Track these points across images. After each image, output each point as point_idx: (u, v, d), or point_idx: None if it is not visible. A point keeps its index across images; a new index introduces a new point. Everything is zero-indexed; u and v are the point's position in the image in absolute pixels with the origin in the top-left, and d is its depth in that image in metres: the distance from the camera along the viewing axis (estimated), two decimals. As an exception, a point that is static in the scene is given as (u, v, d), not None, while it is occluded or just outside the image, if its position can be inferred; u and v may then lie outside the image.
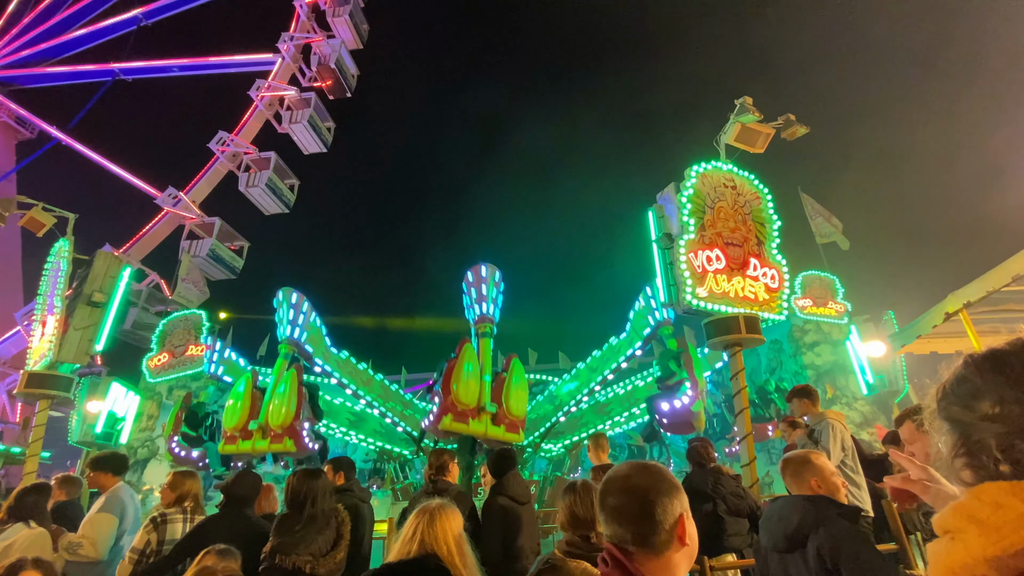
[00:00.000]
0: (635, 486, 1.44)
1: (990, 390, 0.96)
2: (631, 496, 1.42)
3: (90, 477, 5.05)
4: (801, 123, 8.00)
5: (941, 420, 1.05)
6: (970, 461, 0.96)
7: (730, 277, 7.12)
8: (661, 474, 1.48)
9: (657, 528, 1.38)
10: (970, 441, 0.97)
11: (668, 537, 1.39)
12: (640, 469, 1.50)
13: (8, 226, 12.20)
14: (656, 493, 1.42)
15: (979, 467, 0.94)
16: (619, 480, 1.48)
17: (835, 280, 15.12)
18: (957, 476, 0.99)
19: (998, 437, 0.92)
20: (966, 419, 0.98)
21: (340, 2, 23.93)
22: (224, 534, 3.78)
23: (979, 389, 0.98)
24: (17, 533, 4.26)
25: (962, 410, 0.99)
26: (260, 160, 22.15)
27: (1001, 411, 0.93)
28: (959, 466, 0.98)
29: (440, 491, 4.39)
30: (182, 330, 16.01)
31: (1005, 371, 0.96)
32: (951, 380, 1.06)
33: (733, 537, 4.61)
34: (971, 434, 0.97)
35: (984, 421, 0.95)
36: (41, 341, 9.14)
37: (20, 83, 28.25)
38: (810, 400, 5.70)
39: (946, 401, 1.04)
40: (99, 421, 14.49)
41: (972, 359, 1.03)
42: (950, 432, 1.02)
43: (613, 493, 1.46)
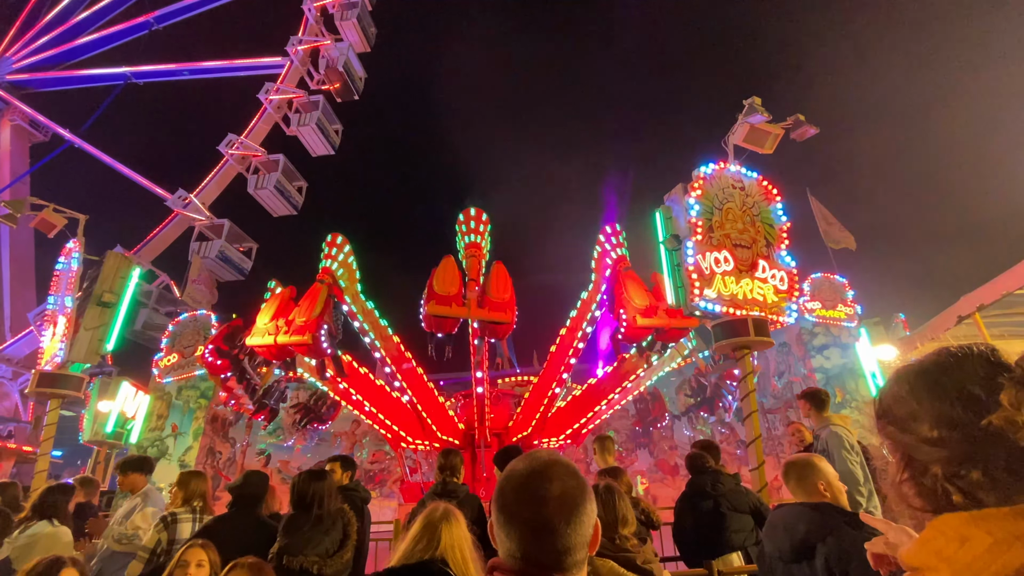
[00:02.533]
0: (560, 495, 1.13)
1: (927, 411, 0.91)
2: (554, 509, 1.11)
3: (122, 480, 5.22)
4: (810, 123, 7.94)
5: (882, 438, 1.00)
6: (918, 488, 0.91)
7: (738, 279, 7.07)
8: (578, 473, 1.19)
9: (582, 545, 1.12)
10: (913, 464, 0.92)
11: (585, 553, 1.14)
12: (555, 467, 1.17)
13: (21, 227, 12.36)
14: (584, 502, 1.14)
15: (928, 494, 0.89)
16: (533, 486, 1.14)
17: (845, 282, 14.99)
18: (906, 500, 0.94)
19: (942, 463, 0.87)
20: (906, 441, 0.93)
21: (348, 6, 24.08)
22: (232, 534, 3.80)
23: (915, 410, 0.93)
24: (42, 531, 4.34)
25: (900, 432, 0.95)
26: (269, 162, 22.31)
27: (939, 435, 0.88)
28: (907, 490, 0.93)
29: (449, 492, 4.38)
30: (191, 331, 16.13)
31: (938, 390, 0.91)
32: (887, 396, 1.00)
33: (736, 533, 4.59)
34: (912, 456, 0.92)
35: (924, 444, 0.90)
36: (52, 341, 9.24)
37: (33, 87, 28.64)
38: (815, 405, 5.56)
39: (884, 420, 0.99)
40: (109, 420, 14.62)
41: (906, 376, 0.98)
42: (892, 452, 0.98)
43: (526, 504, 1.13)
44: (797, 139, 8.00)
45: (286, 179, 22.44)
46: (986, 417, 0.84)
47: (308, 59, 24.03)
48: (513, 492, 1.16)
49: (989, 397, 0.86)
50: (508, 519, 1.14)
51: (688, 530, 4.66)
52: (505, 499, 1.16)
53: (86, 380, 9.13)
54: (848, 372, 14.29)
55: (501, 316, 8.48)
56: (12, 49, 28.78)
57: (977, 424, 0.84)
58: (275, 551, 3.60)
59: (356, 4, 24.06)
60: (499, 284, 8.76)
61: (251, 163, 22.44)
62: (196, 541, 3.12)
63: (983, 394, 0.87)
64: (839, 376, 14.28)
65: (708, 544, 4.53)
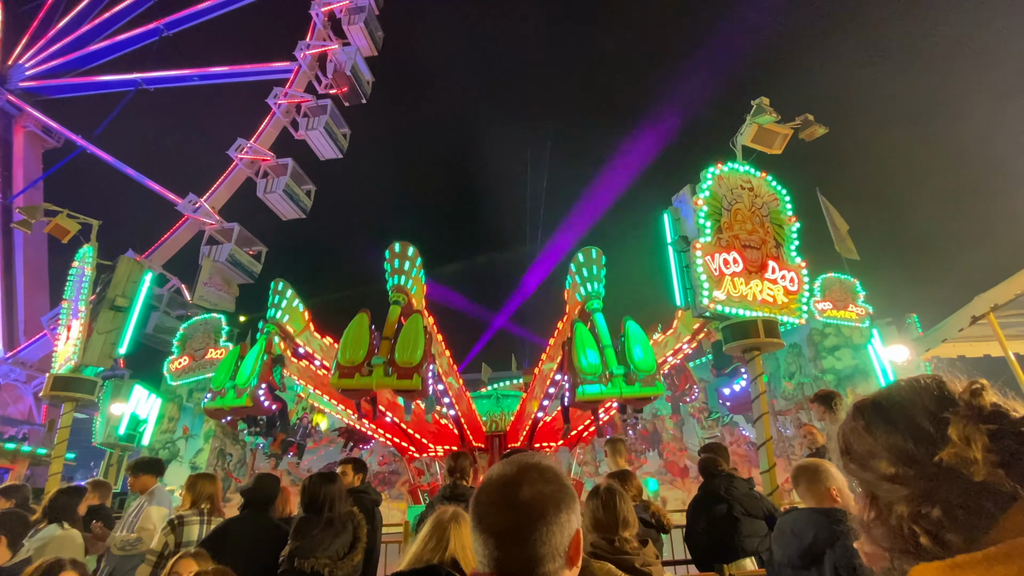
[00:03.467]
0: (529, 500, 1.09)
1: (884, 447, 0.88)
2: (522, 514, 1.08)
3: (133, 481, 5.28)
4: (819, 123, 7.88)
5: (847, 475, 0.98)
6: (885, 529, 0.88)
7: (748, 280, 7.03)
8: (558, 478, 1.15)
9: (554, 555, 1.07)
10: (877, 503, 0.90)
11: (562, 564, 1.09)
12: (528, 472, 1.14)
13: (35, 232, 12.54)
14: (556, 508, 1.10)
15: (895, 534, 0.86)
16: (503, 490, 1.12)
17: (856, 282, 14.84)
18: (876, 542, 0.91)
19: (905, 502, 0.84)
20: (867, 478, 0.91)
21: (355, 10, 24.24)
22: (243, 537, 3.83)
23: (873, 448, 0.90)
24: (52, 534, 4.38)
25: (861, 469, 0.93)
26: (277, 166, 22.50)
27: (897, 471, 0.86)
28: (875, 531, 0.91)
29: (458, 495, 4.39)
30: (202, 334, 16.28)
31: (890, 425, 0.89)
32: (846, 432, 0.97)
33: (749, 538, 4.55)
34: (875, 494, 0.90)
35: (884, 482, 0.88)
36: (66, 345, 9.35)
37: (46, 94, 29.07)
38: (828, 407, 5.54)
39: (847, 457, 0.96)
40: (122, 423, 14.78)
41: (859, 410, 0.96)
42: (856, 487, 0.96)
43: (496, 507, 1.11)
44: (806, 139, 7.94)
45: (295, 183, 22.62)
46: (937, 453, 0.82)
47: (316, 64, 24.23)
48: (485, 497, 1.14)
49: (938, 432, 0.84)
50: (477, 525, 1.11)
51: (700, 534, 4.63)
52: (478, 505, 1.14)
53: (99, 383, 9.24)
54: (860, 373, 14.15)
55: (407, 384, 7.38)
56: (25, 56, 29.23)
57: (930, 460, 0.83)
58: (286, 554, 3.61)
59: (363, 8, 24.23)
60: (408, 344, 7.65)
61: (260, 167, 22.64)
62: (188, 550, 3.14)
63: (932, 429, 0.85)
64: (851, 377, 14.14)
65: (721, 549, 4.49)
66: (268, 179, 22.42)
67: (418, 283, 8.95)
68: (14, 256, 27.60)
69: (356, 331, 7.92)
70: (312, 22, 24.56)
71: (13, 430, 21.29)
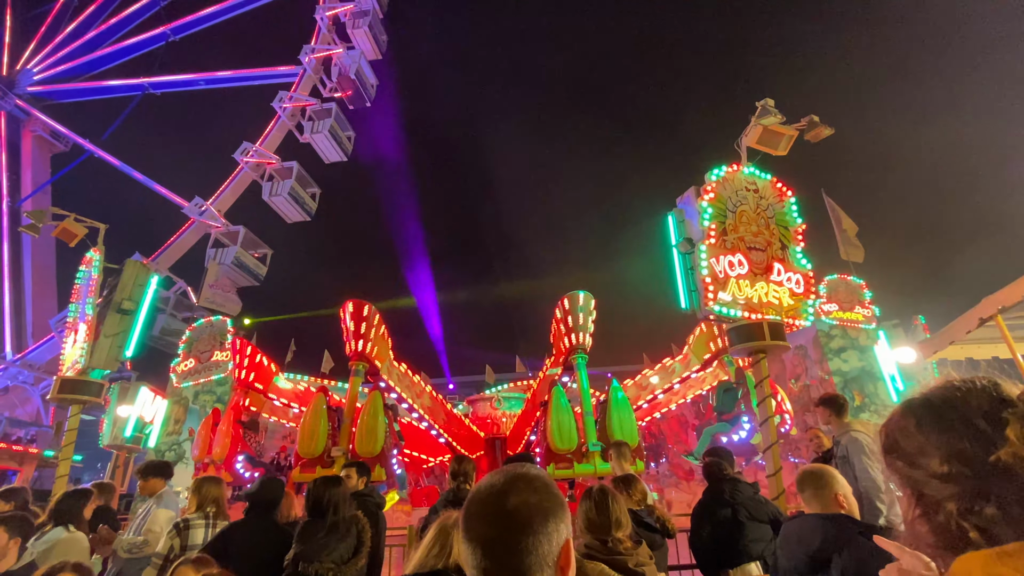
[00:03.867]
0: (514, 509, 1.08)
1: (936, 446, 0.89)
2: (508, 524, 1.07)
3: (143, 484, 5.30)
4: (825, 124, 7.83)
5: (891, 473, 0.98)
6: (931, 525, 0.89)
7: (753, 282, 7.00)
8: (547, 488, 1.14)
9: (542, 565, 1.06)
10: (924, 500, 0.90)
11: (551, 574, 1.07)
12: (516, 482, 1.13)
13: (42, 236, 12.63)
14: (543, 518, 1.08)
15: (942, 531, 0.87)
16: (491, 500, 1.11)
17: (862, 283, 14.75)
18: (920, 539, 0.92)
19: (956, 499, 0.85)
20: (916, 476, 0.91)
21: (359, 14, 24.37)
22: (248, 540, 3.83)
23: (923, 444, 0.91)
24: (58, 536, 4.39)
25: (909, 467, 0.93)
26: (283, 170, 22.61)
27: (950, 470, 0.86)
28: (920, 528, 0.91)
29: (461, 500, 4.38)
30: (207, 336, 16.35)
31: (945, 424, 0.89)
32: (894, 429, 0.98)
33: (754, 543, 4.52)
34: (924, 492, 0.90)
35: (935, 480, 0.88)
36: (73, 348, 9.41)
37: (54, 99, 29.33)
38: (835, 411, 5.47)
39: (893, 455, 0.97)
40: (128, 425, 14.86)
41: (912, 410, 0.96)
42: (902, 487, 0.96)
43: (482, 517, 1.10)
44: (812, 140, 7.89)
45: (300, 186, 22.72)
46: (994, 452, 0.83)
47: (321, 67, 24.35)
48: (474, 506, 1.13)
49: (995, 432, 0.85)
50: (466, 534, 1.10)
51: (705, 539, 4.60)
52: (468, 513, 1.13)
53: (106, 386, 9.28)
54: (867, 375, 14.04)
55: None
56: (33, 61, 29.51)
57: (986, 459, 0.84)
58: (290, 557, 3.61)
59: (367, 12, 24.36)
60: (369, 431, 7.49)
61: (265, 170, 22.76)
62: (190, 555, 3.14)
63: (989, 429, 0.86)
64: (857, 379, 14.04)
65: (726, 553, 4.46)
66: (273, 182, 22.54)
67: (380, 342, 8.56)
68: (22, 259, 27.83)
69: (313, 418, 7.78)
70: (317, 26, 24.70)
71: (21, 432, 21.45)
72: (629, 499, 3.85)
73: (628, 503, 3.81)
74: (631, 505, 3.79)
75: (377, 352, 8.48)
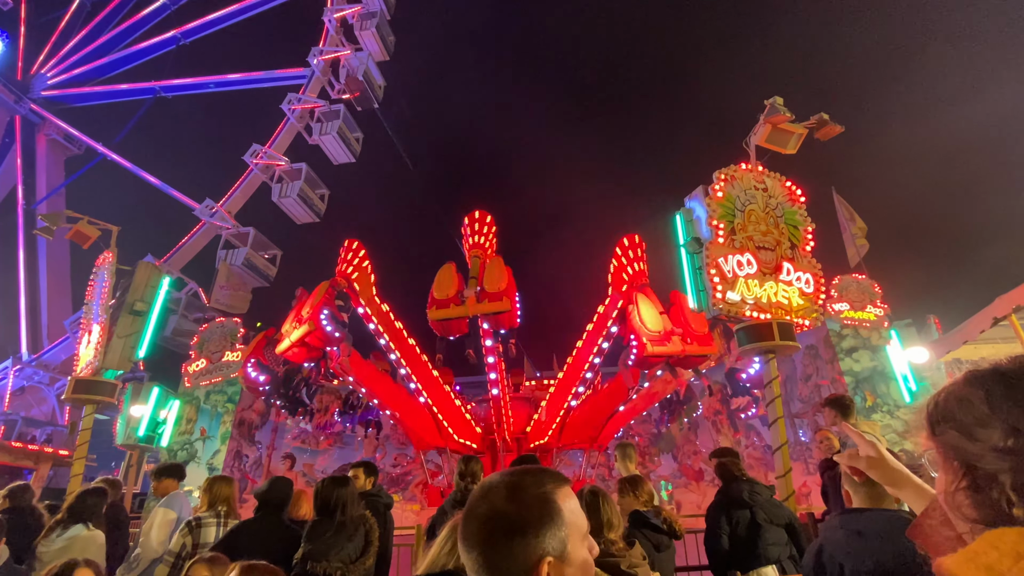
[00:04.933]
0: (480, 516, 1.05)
1: (1002, 418, 0.85)
2: (471, 529, 1.05)
3: (156, 485, 5.37)
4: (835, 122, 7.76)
5: (936, 443, 0.94)
6: (977, 497, 0.86)
7: (762, 282, 6.95)
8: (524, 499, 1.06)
9: None
10: (976, 473, 0.86)
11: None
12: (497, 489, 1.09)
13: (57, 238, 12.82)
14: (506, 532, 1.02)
15: (986, 504, 0.84)
16: (471, 502, 1.11)
17: (874, 283, 14.59)
18: (959, 510, 0.89)
19: (1012, 473, 0.82)
20: (971, 449, 0.88)
21: (367, 16, 24.47)
22: (257, 539, 3.87)
23: (987, 416, 0.87)
24: (77, 533, 4.46)
25: (965, 438, 0.89)
26: (291, 171, 22.77)
27: (1015, 444, 0.83)
28: (962, 499, 0.88)
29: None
30: (219, 337, 16.53)
31: (1018, 398, 0.85)
32: (951, 399, 0.94)
33: (772, 546, 4.48)
34: (977, 465, 0.86)
35: (992, 453, 0.85)
36: (87, 348, 9.55)
37: (68, 103, 29.74)
38: (840, 412, 5.38)
39: (945, 425, 0.92)
40: (141, 425, 15.04)
41: (979, 379, 0.92)
42: (947, 459, 0.92)
43: (464, 517, 1.10)
44: (821, 139, 7.82)
45: (309, 187, 22.87)
46: None
47: (329, 69, 24.49)
48: (467, 504, 1.14)
49: None
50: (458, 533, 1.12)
51: (722, 540, 4.55)
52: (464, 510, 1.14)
53: (119, 386, 9.41)
54: (879, 375, 13.90)
55: (498, 305, 8.62)
56: (47, 66, 29.95)
57: None
58: (299, 556, 3.65)
59: (375, 14, 24.45)
60: (494, 276, 8.93)
61: (275, 172, 22.93)
62: (204, 554, 3.18)
63: None
64: (869, 380, 13.90)
65: (742, 556, 4.41)
66: (283, 184, 22.71)
67: (491, 243, 10.28)
68: (38, 261, 28.24)
69: (445, 273, 9.16)
70: (325, 28, 24.85)
71: (37, 431, 21.78)
72: (636, 500, 3.84)
73: (635, 504, 3.80)
74: (638, 506, 3.78)
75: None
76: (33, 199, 28.51)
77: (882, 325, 14.18)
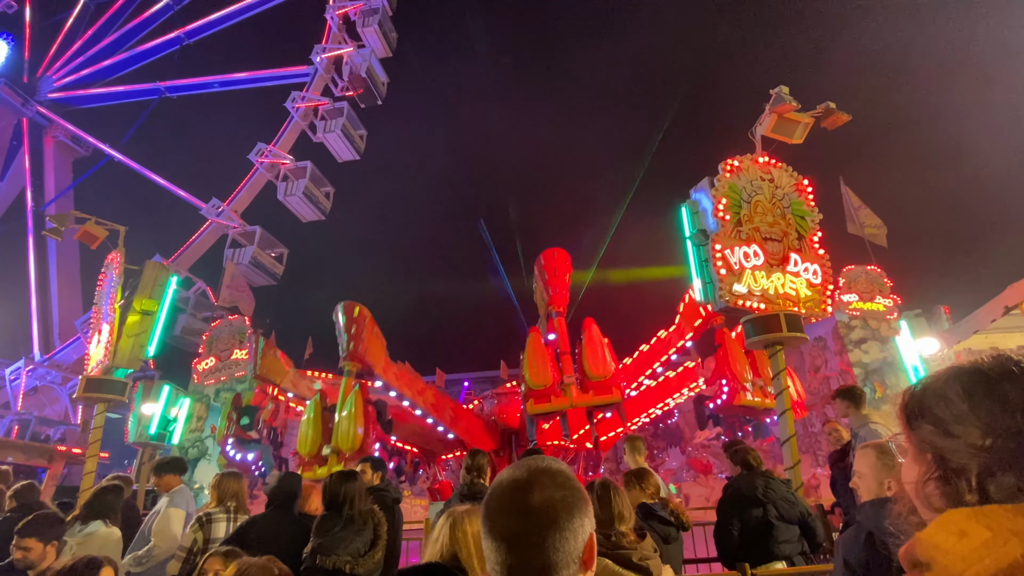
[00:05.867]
0: (539, 505, 1.07)
1: (980, 418, 0.85)
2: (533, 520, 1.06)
3: (157, 481, 5.38)
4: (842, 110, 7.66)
5: (910, 436, 0.93)
6: (945, 488, 0.86)
7: (769, 273, 6.89)
8: (569, 482, 1.13)
9: (568, 561, 1.05)
10: (948, 467, 0.86)
11: (576, 569, 1.06)
12: (540, 476, 1.12)
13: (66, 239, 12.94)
14: (567, 514, 1.07)
15: (953, 495, 0.84)
16: (514, 495, 1.10)
17: (882, 274, 14.45)
18: (927, 501, 0.89)
19: (982, 468, 0.82)
20: (946, 444, 0.87)
21: (369, 12, 24.43)
22: (267, 533, 3.90)
23: (964, 415, 0.86)
24: (95, 529, 4.51)
25: (941, 435, 0.88)
26: (297, 169, 22.84)
27: (992, 444, 0.82)
28: (931, 490, 0.88)
29: (476, 494, 4.40)
30: (227, 335, 16.66)
31: (998, 397, 0.85)
32: (928, 394, 0.93)
33: (783, 544, 4.45)
34: (950, 460, 0.86)
35: (968, 449, 0.84)
36: (98, 348, 9.65)
37: (74, 104, 29.95)
38: (853, 403, 5.40)
39: (921, 421, 0.92)
40: (152, 422, 15.20)
41: (958, 377, 0.91)
42: (920, 451, 0.91)
43: (506, 512, 1.08)
44: (828, 128, 7.73)
45: (314, 185, 22.93)
46: None
47: (332, 67, 24.49)
48: (496, 502, 1.11)
49: None
50: (490, 530, 1.09)
51: (733, 536, 4.52)
52: (489, 509, 1.11)
53: (130, 384, 9.50)
54: (888, 366, 13.78)
55: (608, 397, 7.47)
56: (53, 69, 30.15)
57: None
58: (308, 551, 3.68)
59: (377, 10, 24.40)
60: (598, 358, 7.67)
61: (280, 171, 23.00)
62: (219, 549, 3.21)
63: None
64: (879, 371, 13.79)
65: (753, 552, 4.38)
66: (288, 182, 22.78)
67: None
68: (48, 262, 28.53)
69: (536, 354, 7.91)
70: (328, 25, 24.83)
71: (51, 431, 22.07)
72: (642, 492, 3.83)
73: (642, 496, 3.79)
74: (644, 498, 3.77)
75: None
76: (42, 201, 28.77)
77: (892, 316, 14.05)
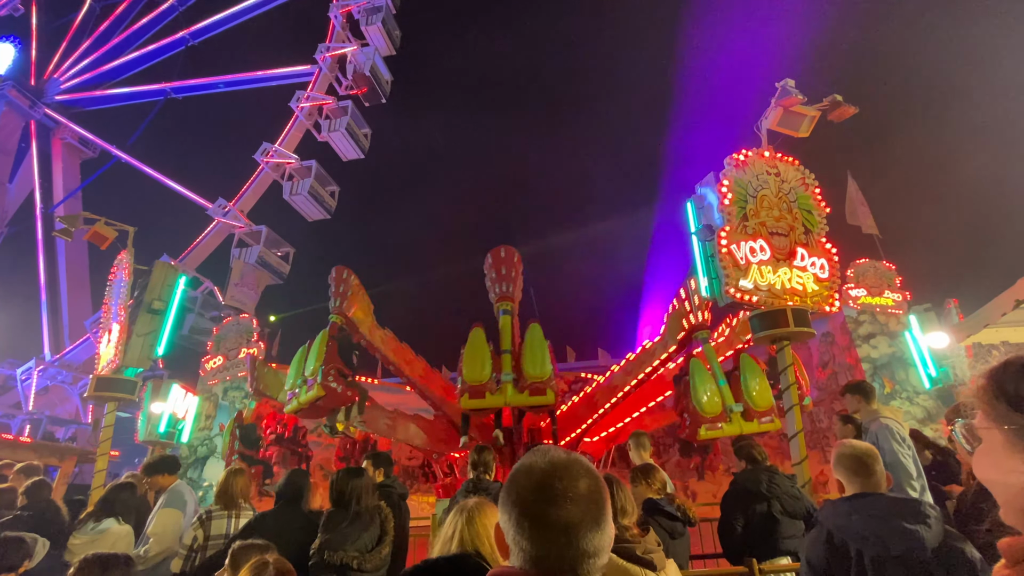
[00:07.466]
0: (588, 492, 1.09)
1: None
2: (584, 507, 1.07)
3: (149, 482, 5.37)
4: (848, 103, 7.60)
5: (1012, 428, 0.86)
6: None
7: (776, 268, 6.86)
8: (594, 471, 1.16)
9: (606, 548, 1.09)
10: None
11: (606, 561, 1.12)
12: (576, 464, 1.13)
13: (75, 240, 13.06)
14: (607, 502, 1.13)
15: None
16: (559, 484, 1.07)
17: (892, 267, 14.33)
18: None
19: None
20: None
21: (372, 10, 24.43)
22: (276, 528, 3.94)
23: None
24: (108, 527, 4.55)
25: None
26: (302, 169, 22.92)
27: None
28: None
29: (482, 490, 4.42)
30: (235, 335, 16.79)
31: None
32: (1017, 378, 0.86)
33: (788, 539, 4.44)
34: None
35: None
36: (107, 347, 9.74)
37: (81, 106, 30.17)
38: (864, 397, 5.43)
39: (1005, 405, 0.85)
40: (162, 421, 15.35)
41: None
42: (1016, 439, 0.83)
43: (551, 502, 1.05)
44: (835, 120, 7.68)
45: (319, 184, 23.01)
46: None
47: (336, 66, 24.53)
48: (535, 490, 1.08)
49: None
50: (530, 519, 1.06)
51: (736, 531, 4.51)
52: (523, 498, 1.08)
53: (139, 383, 9.59)
54: (897, 362, 13.67)
55: (541, 399, 7.46)
56: (59, 71, 30.38)
57: None
58: (316, 546, 3.71)
59: (380, 8, 24.39)
60: (536, 358, 7.71)
61: (285, 170, 23.10)
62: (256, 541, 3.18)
63: None
64: (887, 366, 13.68)
65: (757, 547, 4.38)
66: (293, 182, 22.87)
67: (519, 287, 9.00)
68: (57, 263, 28.80)
69: (476, 348, 7.96)
70: (331, 24, 24.86)
71: (62, 430, 22.32)
72: (648, 488, 3.83)
73: (648, 492, 3.79)
74: (651, 494, 3.78)
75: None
76: (50, 202, 29.03)
77: (901, 310, 13.93)
